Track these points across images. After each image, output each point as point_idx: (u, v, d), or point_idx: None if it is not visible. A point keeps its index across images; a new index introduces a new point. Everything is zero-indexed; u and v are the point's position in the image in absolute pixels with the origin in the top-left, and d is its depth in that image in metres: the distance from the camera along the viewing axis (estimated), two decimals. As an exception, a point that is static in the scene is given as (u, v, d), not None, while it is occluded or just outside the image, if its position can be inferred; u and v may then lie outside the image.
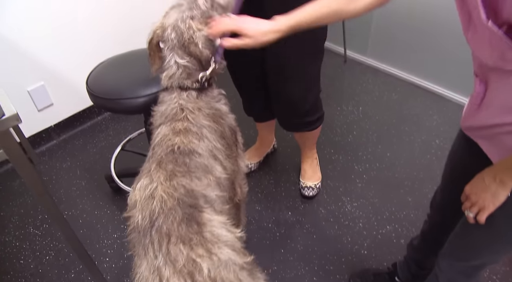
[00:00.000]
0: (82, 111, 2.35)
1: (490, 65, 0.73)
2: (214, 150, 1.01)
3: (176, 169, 0.90)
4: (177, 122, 1.01)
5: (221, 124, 1.08)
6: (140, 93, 1.47)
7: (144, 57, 1.60)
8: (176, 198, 0.84)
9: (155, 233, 0.80)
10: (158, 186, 0.87)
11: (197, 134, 1.00)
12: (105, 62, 1.63)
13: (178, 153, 0.94)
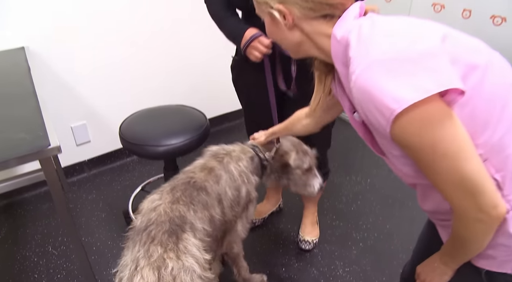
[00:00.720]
0: (114, 152, 2.61)
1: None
2: (223, 196, 1.23)
3: (181, 198, 1.15)
4: (213, 160, 1.29)
5: (242, 183, 1.30)
6: (162, 143, 1.71)
7: (169, 113, 1.88)
8: (169, 216, 1.09)
9: (145, 234, 1.04)
10: (162, 204, 1.13)
11: (216, 177, 1.24)
12: (138, 113, 1.90)
13: (191, 185, 1.19)
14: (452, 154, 0.68)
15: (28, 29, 2.02)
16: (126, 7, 2.27)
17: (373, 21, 0.75)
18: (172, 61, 2.59)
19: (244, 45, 1.42)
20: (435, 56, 0.67)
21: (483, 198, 0.70)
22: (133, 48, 2.39)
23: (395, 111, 0.65)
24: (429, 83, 0.64)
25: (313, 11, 0.79)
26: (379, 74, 0.66)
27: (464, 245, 0.81)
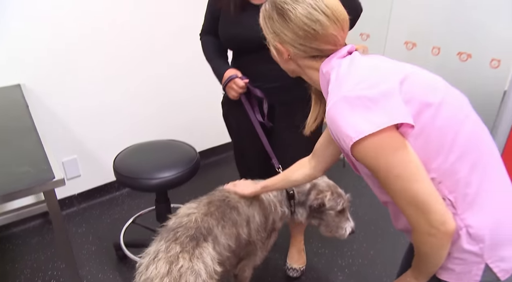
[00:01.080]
0: (104, 185, 2.66)
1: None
2: (251, 219, 1.34)
3: (214, 213, 1.27)
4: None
5: (270, 212, 1.41)
6: (155, 176, 1.78)
7: (161, 148, 1.97)
8: (198, 225, 1.21)
9: (172, 233, 1.18)
10: (196, 213, 1.26)
11: (248, 201, 1.36)
12: (130, 147, 1.98)
13: (225, 203, 1.31)
14: (403, 176, 0.81)
15: (22, 67, 2.11)
16: (119, 46, 2.38)
17: (351, 61, 0.90)
18: (163, 98, 2.71)
19: (223, 84, 1.59)
20: (391, 97, 0.81)
21: (433, 215, 0.82)
22: (124, 86, 2.50)
23: (353, 139, 0.80)
24: (383, 118, 0.79)
25: (305, 53, 0.94)
26: (344, 108, 0.81)
27: (424, 259, 0.91)
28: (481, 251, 0.88)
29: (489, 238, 0.87)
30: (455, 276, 0.93)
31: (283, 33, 0.92)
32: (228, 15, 1.54)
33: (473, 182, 0.87)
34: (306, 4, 0.89)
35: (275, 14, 0.92)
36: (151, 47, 2.53)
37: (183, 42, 2.63)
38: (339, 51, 0.93)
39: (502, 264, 0.89)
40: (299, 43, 0.92)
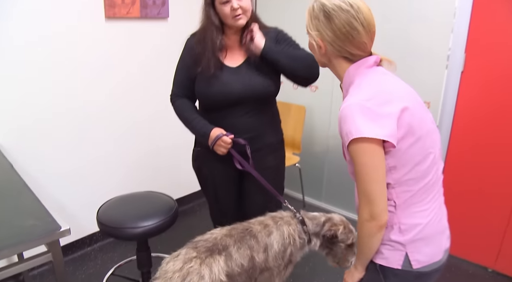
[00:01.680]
0: (75, 242, 2.68)
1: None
2: (269, 247, 1.51)
3: (234, 235, 1.48)
4: (270, 220, 1.59)
5: (289, 244, 1.56)
6: (137, 225, 1.90)
7: (141, 199, 2.09)
8: (216, 241, 1.44)
9: (195, 243, 1.45)
10: (218, 233, 1.49)
11: (269, 232, 1.53)
12: (113, 199, 2.09)
13: (247, 232, 1.51)
14: (369, 175, 1.09)
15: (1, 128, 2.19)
16: (95, 108, 2.53)
17: (374, 75, 1.14)
18: (138, 153, 2.84)
19: (211, 144, 1.73)
20: (390, 119, 1.07)
21: (375, 208, 1.10)
22: (101, 147, 2.62)
23: (354, 136, 1.06)
24: (378, 131, 1.05)
25: (339, 52, 1.15)
26: (357, 111, 1.07)
27: (360, 244, 1.19)
28: (405, 242, 1.17)
29: (412, 235, 1.16)
30: (385, 260, 1.20)
31: (325, 33, 1.13)
32: (207, 76, 1.72)
33: (416, 197, 1.16)
34: (350, 14, 1.09)
35: (322, 16, 1.12)
36: (126, 100, 2.69)
37: (157, 94, 2.83)
38: (367, 60, 1.15)
39: (417, 255, 1.17)
40: (337, 44, 1.13)
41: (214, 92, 1.74)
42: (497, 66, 2.32)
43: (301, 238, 1.61)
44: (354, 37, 1.11)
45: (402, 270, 1.18)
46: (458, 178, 2.58)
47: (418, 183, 1.15)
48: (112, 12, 2.43)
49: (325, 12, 1.11)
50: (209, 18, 1.68)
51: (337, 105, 3.13)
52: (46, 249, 1.40)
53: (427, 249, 1.18)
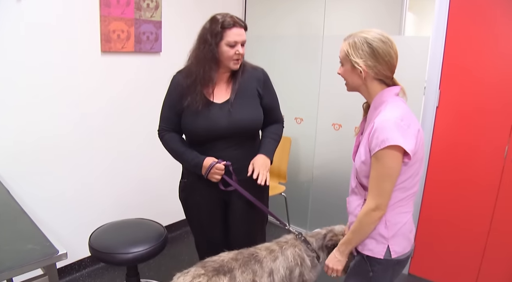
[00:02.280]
0: (64, 267, 2.69)
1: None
2: (275, 271, 1.62)
3: (239, 260, 1.61)
4: (276, 245, 1.73)
5: (296, 265, 1.68)
6: (128, 251, 1.97)
7: (132, 226, 2.16)
8: (223, 264, 1.58)
9: (203, 263, 1.60)
10: (226, 256, 1.63)
11: (274, 257, 1.65)
12: (104, 226, 2.16)
13: (253, 257, 1.64)
14: (389, 174, 1.36)
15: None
16: (87, 136, 2.61)
17: (399, 101, 1.43)
18: (126, 181, 2.91)
19: (206, 173, 1.81)
20: (413, 137, 1.36)
21: (382, 201, 1.38)
22: (91, 175, 2.69)
23: (388, 143, 1.31)
24: (405, 143, 1.31)
25: (376, 75, 1.41)
26: (392, 124, 1.33)
27: (359, 229, 1.44)
28: (388, 236, 1.44)
29: (394, 231, 1.44)
30: (371, 252, 1.46)
31: (369, 59, 1.39)
32: (194, 111, 1.79)
33: (403, 201, 1.44)
34: (387, 45, 1.39)
35: (366, 47, 1.39)
36: (118, 129, 2.79)
37: (148, 124, 2.93)
38: (396, 88, 1.44)
39: (395, 247, 1.45)
40: (378, 68, 1.39)
41: (200, 127, 1.82)
42: (468, 101, 2.51)
43: (309, 256, 1.72)
44: (390, 62, 1.40)
45: (384, 259, 1.46)
46: (435, 205, 2.71)
47: (408, 191, 1.43)
48: (108, 46, 2.56)
49: (368, 43, 1.38)
50: (211, 54, 1.74)
51: (321, 137, 3.28)
52: (42, 272, 1.46)
53: (403, 242, 1.47)
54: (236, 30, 1.73)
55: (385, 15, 3.46)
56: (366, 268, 1.49)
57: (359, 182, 1.49)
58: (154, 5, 2.75)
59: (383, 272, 1.49)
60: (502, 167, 2.44)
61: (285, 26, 3.29)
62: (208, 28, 1.75)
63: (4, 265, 1.30)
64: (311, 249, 1.73)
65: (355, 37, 1.42)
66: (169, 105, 1.90)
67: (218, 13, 1.78)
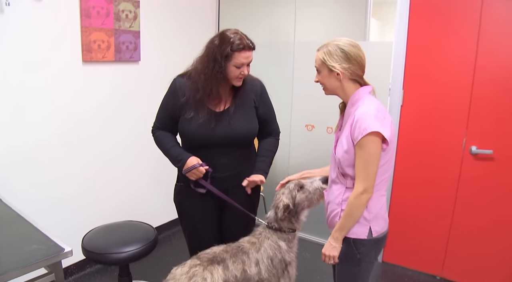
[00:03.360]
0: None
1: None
2: (260, 261, 1.78)
3: (229, 251, 1.75)
4: (254, 238, 1.87)
5: (274, 254, 1.82)
6: (122, 250, 2.06)
7: (123, 228, 2.24)
8: (216, 255, 1.71)
9: (198, 255, 1.74)
10: (217, 249, 1.76)
11: (257, 249, 1.80)
12: (95, 229, 2.23)
13: (240, 249, 1.78)
14: (372, 159, 1.52)
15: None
16: (67, 143, 2.66)
17: (373, 97, 1.63)
18: (111, 186, 2.97)
19: (186, 171, 1.89)
20: (389, 126, 1.55)
21: (369, 184, 1.54)
22: (79, 181, 2.74)
23: (369, 130, 1.48)
24: (384, 130, 1.49)
25: (351, 75, 1.60)
26: (371, 115, 1.51)
27: (350, 215, 1.58)
28: (369, 218, 1.61)
29: (375, 213, 1.61)
30: (355, 234, 1.62)
31: (343, 62, 1.58)
32: (197, 120, 1.86)
33: (381, 184, 1.62)
34: (356, 49, 1.59)
35: (339, 52, 1.58)
36: (100, 136, 2.85)
37: (129, 130, 3.01)
38: (369, 87, 1.64)
39: (376, 227, 1.63)
40: (352, 69, 1.58)
41: (198, 134, 1.89)
42: (429, 99, 2.75)
43: (284, 239, 1.87)
44: (361, 63, 1.61)
45: (367, 239, 1.62)
46: (402, 198, 2.93)
47: (383, 175, 1.61)
48: (89, 56, 2.63)
49: (341, 49, 1.58)
50: (221, 75, 1.81)
51: (295, 140, 3.45)
52: (46, 271, 1.54)
53: (381, 222, 1.66)
54: (245, 53, 1.80)
55: (351, 22, 3.69)
56: (353, 252, 1.63)
57: (340, 172, 1.64)
58: (132, 15, 2.85)
59: (368, 251, 1.65)
60: (461, 157, 2.69)
61: (258, 34, 3.45)
62: (218, 46, 1.80)
63: (15, 264, 1.37)
64: (278, 229, 1.87)
65: (328, 46, 1.62)
66: (165, 108, 1.98)
67: (227, 30, 1.84)
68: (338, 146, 1.65)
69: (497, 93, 2.53)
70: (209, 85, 1.83)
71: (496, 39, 2.49)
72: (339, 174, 1.65)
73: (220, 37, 1.82)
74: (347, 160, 1.59)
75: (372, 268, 1.74)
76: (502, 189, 2.59)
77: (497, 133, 2.57)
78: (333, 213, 1.69)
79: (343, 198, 1.64)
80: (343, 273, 1.73)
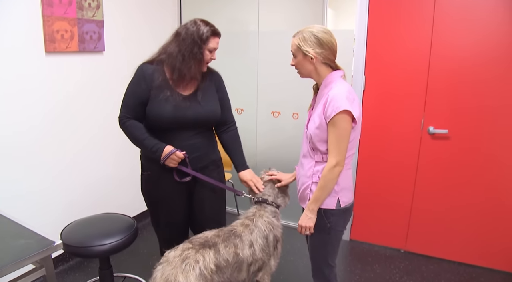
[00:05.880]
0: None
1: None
2: (254, 242, 1.84)
3: (221, 236, 1.80)
4: (247, 219, 1.93)
5: (270, 230, 1.92)
6: (103, 242, 2.03)
7: (101, 220, 2.21)
8: (207, 239, 1.76)
9: (189, 240, 1.77)
10: (208, 233, 1.82)
11: (250, 230, 1.86)
12: (73, 223, 2.18)
13: (232, 233, 1.83)
14: (344, 135, 1.65)
15: None
16: (34, 137, 2.56)
17: (344, 81, 1.74)
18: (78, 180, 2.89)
19: (164, 158, 1.92)
20: (358, 107, 1.69)
21: (342, 157, 1.68)
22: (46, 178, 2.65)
23: (341, 108, 1.60)
24: (353, 110, 1.62)
25: (323, 59, 1.71)
26: (343, 95, 1.63)
27: (323, 186, 1.71)
28: (338, 190, 1.75)
29: (342, 185, 1.76)
30: (326, 205, 1.76)
31: (316, 47, 1.69)
32: (163, 100, 1.91)
33: (347, 159, 1.74)
34: (328, 35, 1.70)
35: (313, 38, 1.68)
36: (66, 127, 2.76)
37: (95, 121, 2.94)
38: (341, 72, 1.76)
39: (343, 198, 1.78)
40: (324, 54, 1.70)
41: (167, 116, 1.93)
42: (389, 83, 2.92)
43: (274, 215, 1.99)
44: (332, 48, 1.72)
45: (336, 209, 1.77)
46: (366, 178, 3.11)
47: (350, 151, 1.73)
48: (53, 47, 2.54)
49: (314, 35, 1.69)
50: (201, 56, 1.92)
51: (262, 126, 3.53)
52: (34, 266, 1.51)
53: (348, 194, 1.80)
54: (217, 39, 1.97)
55: (310, 12, 3.79)
56: (324, 221, 1.78)
57: (311, 147, 1.77)
58: (95, 4, 2.77)
59: (337, 220, 1.80)
60: (420, 137, 2.89)
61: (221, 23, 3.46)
62: (196, 31, 1.91)
63: (5, 260, 1.34)
64: (273, 204, 2.02)
65: (303, 33, 1.73)
66: (134, 94, 1.97)
67: (198, 19, 1.96)
68: (310, 123, 1.77)
69: (451, 78, 2.74)
70: (188, 64, 1.91)
71: (449, 29, 2.69)
72: (309, 148, 1.79)
73: (196, 23, 1.93)
74: (317, 136, 1.71)
75: (342, 235, 1.89)
76: (457, 165, 2.82)
77: (451, 114, 2.78)
78: (304, 185, 1.82)
79: (313, 171, 1.77)
80: (315, 241, 1.87)
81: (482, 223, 2.83)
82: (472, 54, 2.66)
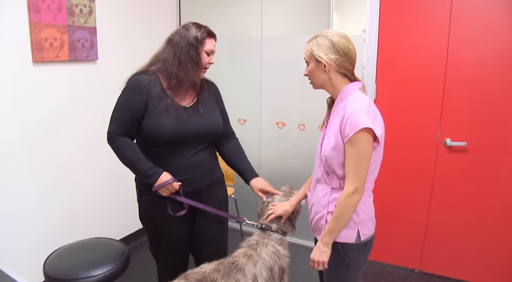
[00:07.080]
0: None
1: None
2: (258, 276, 1.64)
3: (221, 270, 1.61)
4: (251, 249, 1.74)
5: (275, 261, 1.72)
6: (92, 274, 1.83)
7: (89, 247, 2.02)
8: (205, 275, 1.57)
9: (185, 275, 1.59)
10: (208, 268, 1.62)
11: (254, 262, 1.65)
12: (58, 250, 1.99)
13: (234, 266, 1.64)
14: (364, 157, 1.44)
15: None
16: (20, 150, 2.38)
17: (363, 94, 1.52)
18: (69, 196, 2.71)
19: (158, 187, 1.75)
20: (381, 125, 1.47)
21: (360, 184, 1.45)
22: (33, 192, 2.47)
23: (361, 126, 1.39)
24: (376, 128, 1.41)
25: (338, 68, 1.50)
26: (363, 111, 1.41)
27: (341, 217, 1.49)
28: (358, 221, 1.54)
29: (362, 216, 1.55)
30: (344, 238, 1.54)
31: (331, 54, 1.48)
32: (163, 113, 1.74)
33: (368, 184, 1.53)
34: (346, 40, 1.50)
35: (327, 43, 1.49)
36: (56, 141, 2.58)
37: (88, 134, 2.75)
38: (359, 83, 1.55)
39: (364, 230, 1.56)
40: (339, 61, 1.49)
41: (169, 128, 1.74)
42: (402, 92, 2.72)
43: (280, 243, 1.80)
44: (349, 55, 1.50)
45: (355, 243, 1.55)
46: (378, 193, 2.90)
47: (371, 175, 1.53)
48: (40, 56, 2.36)
49: (329, 39, 1.49)
50: (198, 58, 1.78)
51: (265, 137, 3.33)
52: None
53: (369, 225, 1.60)
54: (213, 40, 1.83)
55: (315, 17, 3.60)
56: (341, 257, 1.56)
57: (326, 171, 1.55)
58: (87, 10, 2.59)
59: (357, 255, 1.57)
60: (436, 150, 2.68)
61: (224, 29, 3.28)
62: (189, 34, 1.77)
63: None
64: (278, 231, 1.83)
65: (318, 37, 1.53)
66: (127, 107, 1.78)
67: (190, 22, 1.83)
68: (324, 143, 1.55)
69: (469, 86, 2.53)
70: (186, 68, 1.76)
71: (466, 34, 2.49)
72: (324, 172, 1.56)
73: (187, 27, 1.81)
74: (334, 158, 1.49)
75: (361, 271, 1.66)
76: (477, 180, 2.61)
77: (470, 125, 2.58)
78: (317, 215, 1.60)
79: (329, 200, 1.55)
80: (331, 278, 1.65)
81: (504, 242, 2.62)
82: (492, 59, 2.45)
